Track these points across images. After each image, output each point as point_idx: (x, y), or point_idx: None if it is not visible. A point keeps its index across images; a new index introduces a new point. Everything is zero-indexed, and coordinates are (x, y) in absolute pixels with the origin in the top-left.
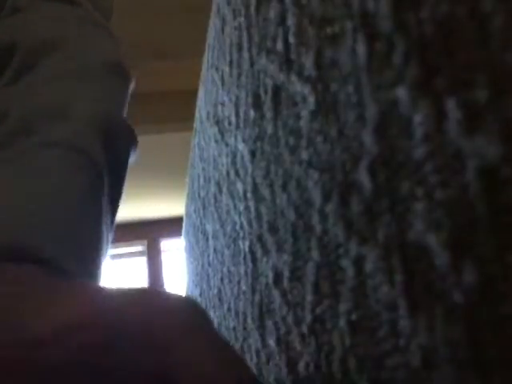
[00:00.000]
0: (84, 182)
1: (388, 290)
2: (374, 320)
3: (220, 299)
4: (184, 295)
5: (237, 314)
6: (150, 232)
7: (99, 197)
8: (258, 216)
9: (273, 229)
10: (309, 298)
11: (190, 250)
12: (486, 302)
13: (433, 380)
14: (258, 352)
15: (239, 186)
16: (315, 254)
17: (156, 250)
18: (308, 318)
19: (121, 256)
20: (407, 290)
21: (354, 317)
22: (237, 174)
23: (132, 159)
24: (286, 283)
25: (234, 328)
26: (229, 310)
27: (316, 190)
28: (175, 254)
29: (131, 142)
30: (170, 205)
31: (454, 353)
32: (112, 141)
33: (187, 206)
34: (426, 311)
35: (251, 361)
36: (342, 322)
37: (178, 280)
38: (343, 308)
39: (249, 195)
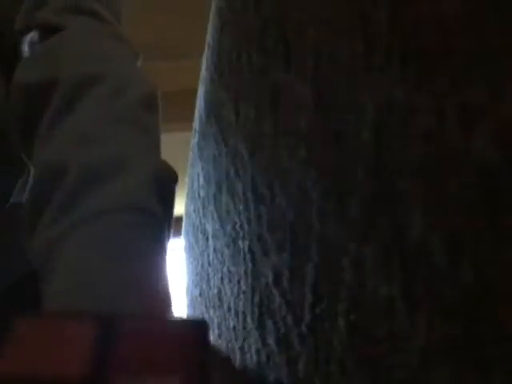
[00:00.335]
0: (149, 239)
1: (387, 290)
2: (373, 320)
3: (220, 299)
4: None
5: (237, 313)
6: None
7: (162, 248)
8: (258, 215)
9: (272, 228)
10: (308, 297)
11: (190, 249)
12: (484, 302)
13: (432, 380)
14: (258, 352)
15: (239, 185)
16: (314, 254)
17: None
18: (307, 317)
19: None
20: (406, 290)
21: (352, 317)
22: (236, 173)
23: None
24: (285, 283)
25: (234, 328)
26: (229, 309)
27: (315, 189)
28: (175, 253)
29: (176, 181)
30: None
31: (453, 352)
32: (164, 189)
33: (187, 206)
34: (425, 311)
35: (251, 360)
36: (341, 322)
37: (178, 280)
38: (342, 308)
39: (248, 195)
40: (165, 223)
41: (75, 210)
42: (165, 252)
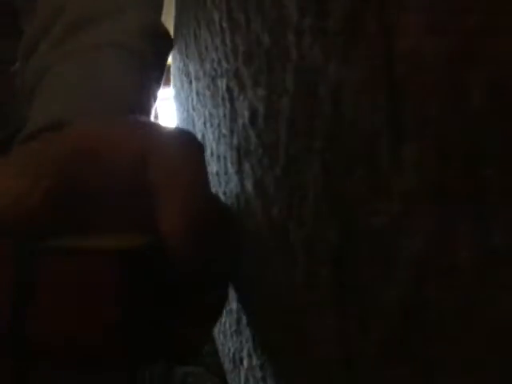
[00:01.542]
0: (136, 79)
1: (369, 120)
2: (351, 158)
3: (204, 144)
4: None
5: (218, 158)
6: None
7: (148, 92)
8: (234, 48)
9: (248, 60)
10: (283, 136)
11: (177, 95)
12: (494, 125)
13: (414, 228)
14: (237, 197)
15: (215, 15)
16: (290, 85)
17: None
18: (282, 159)
19: None
20: (392, 117)
21: (328, 156)
22: (213, 1)
23: None
24: (261, 121)
25: (217, 173)
26: (212, 154)
27: (292, 3)
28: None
29: (170, 46)
30: None
31: (446, 195)
32: (158, 47)
33: (173, 50)
34: (413, 145)
35: (233, 206)
36: (316, 163)
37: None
38: (318, 146)
39: (224, 24)
40: (155, 70)
41: (70, 42)
42: (149, 98)
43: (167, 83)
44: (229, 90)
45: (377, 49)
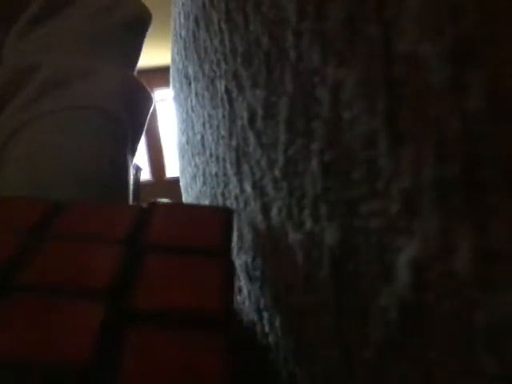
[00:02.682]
0: (112, 142)
1: (367, 122)
2: (349, 160)
3: (203, 145)
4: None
5: (217, 159)
6: (143, 81)
7: (124, 154)
8: (233, 49)
9: (247, 61)
10: (282, 137)
11: (176, 96)
12: (493, 126)
13: (413, 229)
14: (236, 198)
15: (214, 16)
16: (289, 86)
17: None
18: (281, 160)
19: None
20: (391, 120)
21: (327, 157)
22: (211, 2)
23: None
24: (260, 123)
25: (216, 174)
26: (211, 155)
27: (291, 4)
28: (168, 103)
29: (150, 103)
30: (163, 53)
31: (443, 197)
32: (134, 103)
33: (172, 50)
34: (412, 146)
35: (231, 206)
36: (315, 164)
37: (171, 129)
38: (316, 147)
39: (223, 26)
40: (129, 130)
41: (42, 103)
42: (126, 160)
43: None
44: (228, 91)
45: (376, 49)
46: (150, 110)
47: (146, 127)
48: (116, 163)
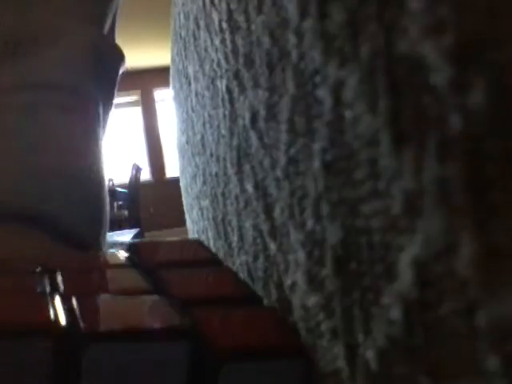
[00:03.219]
0: (79, 122)
1: (369, 122)
2: (351, 160)
3: (203, 145)
4: None
5: (218, 159)
6: (143, 81)
7: (95, 130)
8: (234, 49)
9: (249, 62)
10: (283, 137)
11: (176, 96)
12: (493, 129)
13: (415, 228)
14: (237, 198)
15: (215, 16)
16: (291, 86)
17: (150, 99)
18: (282, 160)
19: (117, 106)
20: (392, 120)
21: (328, 157)
22: (212, 2)
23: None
24: (261, 123)
25: (216, 174)
26: (211, 155)
27: (292, 5)
28: (168, 103)
29: (120, 61)
30: (163, 53)
31: (445, 197)
32: (103, 63)
33: (172, 50)
34: (413, 146)
35: (231, 206)
36: (316, 164)
37: (171, 129)
38: (318, 147)
39: (224, 25)
40: (99, 106)
41: (5, 72)
42: (96, 140)
43: (166, 84)
44: (229, 91)
45: (377, 49)
46: (121, 70)
47: (145, 127)
48: (85, 152)
